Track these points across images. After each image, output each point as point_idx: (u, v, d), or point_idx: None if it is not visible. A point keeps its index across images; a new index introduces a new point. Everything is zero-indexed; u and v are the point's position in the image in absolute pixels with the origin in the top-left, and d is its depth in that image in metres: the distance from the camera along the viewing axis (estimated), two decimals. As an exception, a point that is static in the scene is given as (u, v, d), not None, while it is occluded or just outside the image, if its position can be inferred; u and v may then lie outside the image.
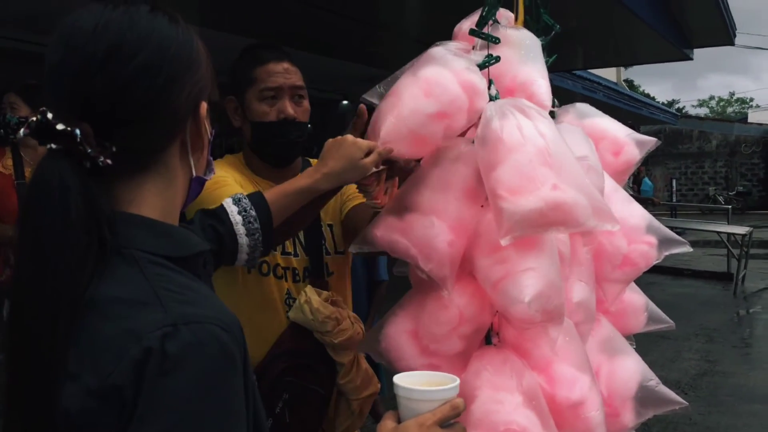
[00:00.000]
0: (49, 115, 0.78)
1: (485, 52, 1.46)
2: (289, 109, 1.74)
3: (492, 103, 1.39)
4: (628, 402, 1.61)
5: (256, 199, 1.41)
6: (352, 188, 1.80)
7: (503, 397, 1.30)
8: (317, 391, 1.74)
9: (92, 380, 0.72)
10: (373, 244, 1.42)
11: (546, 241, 1.33)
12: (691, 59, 9.26)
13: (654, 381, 1.65)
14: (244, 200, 1.40)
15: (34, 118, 0.78)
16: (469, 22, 1.59)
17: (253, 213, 1.38)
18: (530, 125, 1.33)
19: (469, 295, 1.38)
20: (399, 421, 1.04)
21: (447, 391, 1.03)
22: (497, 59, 1.45)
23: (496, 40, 1.49)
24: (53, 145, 0.78)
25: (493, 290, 1.32)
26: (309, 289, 1.72)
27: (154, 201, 0.86)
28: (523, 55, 1.51)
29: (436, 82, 1.34)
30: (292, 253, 1.77)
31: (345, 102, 13.33)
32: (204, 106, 0.90)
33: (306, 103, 1.79)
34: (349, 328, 1.71)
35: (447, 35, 1.70)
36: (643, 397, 1.62)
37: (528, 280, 1.28)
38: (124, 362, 0.71)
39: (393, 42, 8.41)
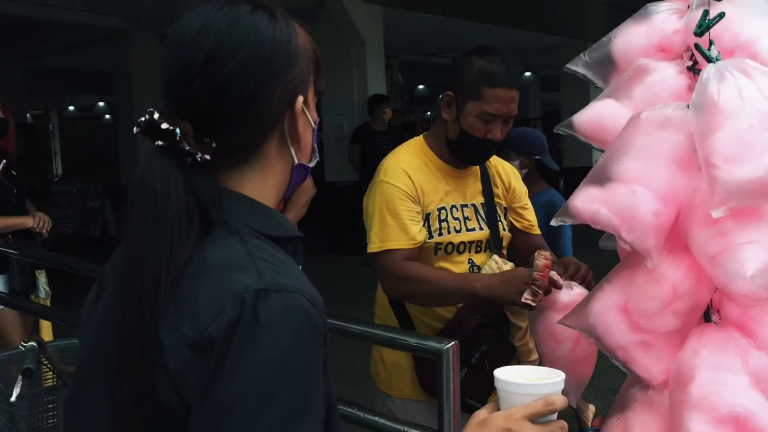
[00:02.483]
0: (156, 115, 0.86)
1: (703, 10, 1.36)
2: (498, 133, 1.87)
3: (711, 65, 1.29)
4: None
5: None
6: (521, 193, 2.11)
7: (726, 378, 1.22)
8: (512, 344, 1.90)
9: (190, 332, 0.80)
10: (574, 215, 1.39)
11: (772, 211, 1.23)
12: None
13: None
14: None
15: (143, 118, 0.87)
16: (684, -21, 1.48)
17: None
18: (752, 87, 1.23)
19: (684, 269, 1.31)
20: None
21: (544, 386, 0.97)
22: (721, 16, 1.34)
23: (717, -3, 1.38)
24: (160, 142, 0.86)
25: (710, 265, 1.24)
26: (495, 257, 1.95)
27: (255, 188, 0.93)
28: (747, 12, 1.39)
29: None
30: (476, 228, 1.96)
31: (528, 73, 13.08)
32: (300, 100, 0.93)
33: (510, 125, 1.92)
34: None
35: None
36: None
37: (749, 253, 1.19)
38: (220, 317, 0.79)
39: (579, 8, 8.10)
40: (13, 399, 1.82)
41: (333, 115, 8.58)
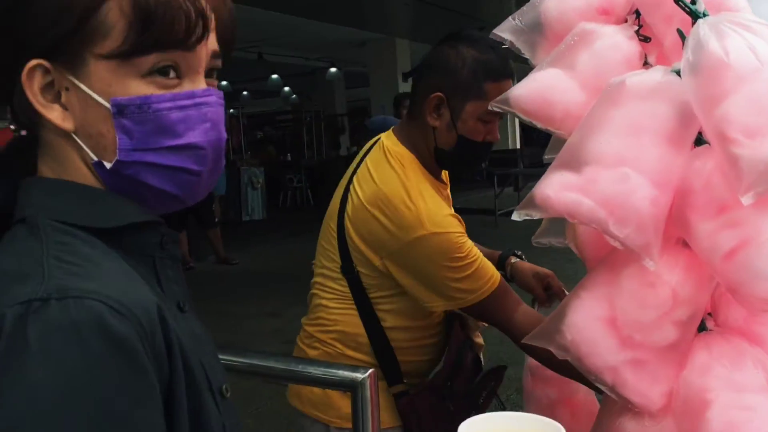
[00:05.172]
0: None
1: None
2: (497, 133, 1.58)
3: (702, 21, 1.07)
4: None
5: None
6: None
7: (753, 401, 1.00)
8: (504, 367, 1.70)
9: None
10: (542, 207, 1.10)
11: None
12: None
13: None
14: None
15: None
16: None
17: None
18: (764, 45, 1.02)
19: (682, 269, 1.08)
20: None
21: None
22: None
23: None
24: None
25: (723, 263, 1.01)
26: None
27: (52, 168, 0.74)
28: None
29: None
30: None
31: (333, 69, 12.89)
32: (31, 63, 0.70)
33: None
34: None
35: None
36: None
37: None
38: None
39: (387, 2, 8.04)
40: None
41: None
